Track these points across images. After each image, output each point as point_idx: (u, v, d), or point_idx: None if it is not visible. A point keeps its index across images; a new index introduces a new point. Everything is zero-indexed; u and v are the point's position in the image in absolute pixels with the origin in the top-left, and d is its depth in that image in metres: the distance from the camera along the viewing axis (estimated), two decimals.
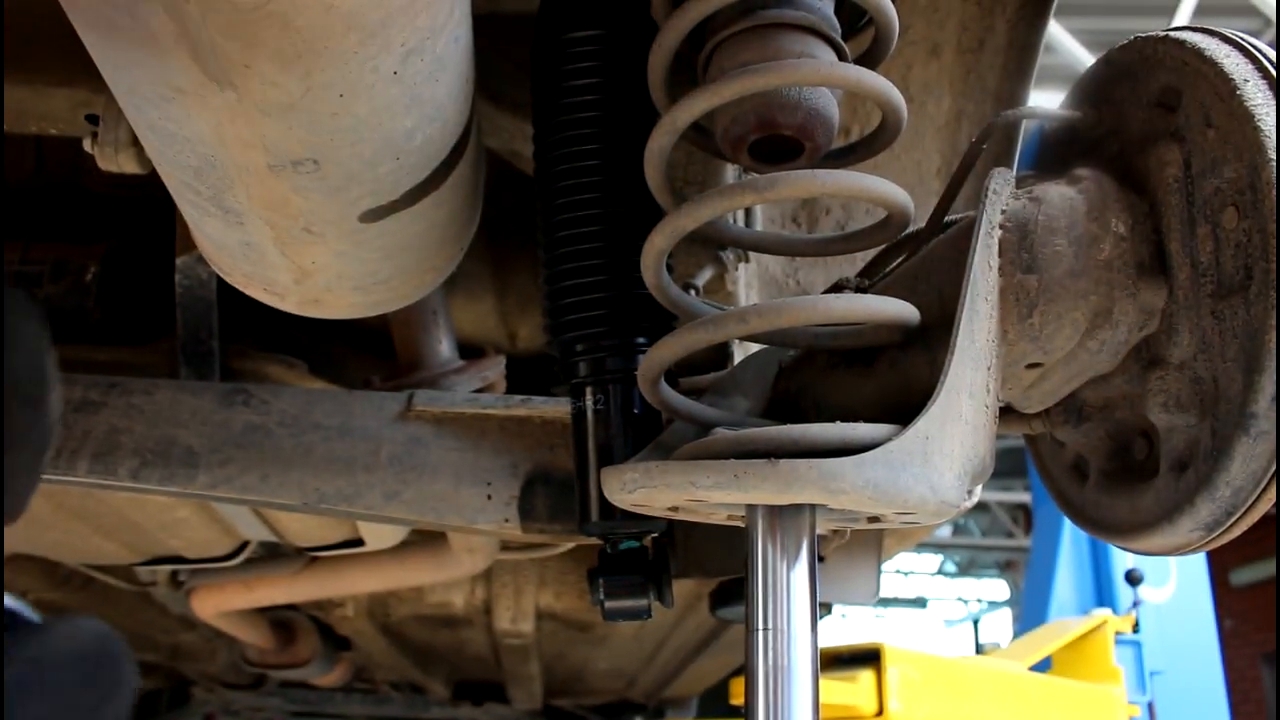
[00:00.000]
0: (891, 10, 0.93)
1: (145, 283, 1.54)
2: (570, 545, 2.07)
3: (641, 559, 1.20)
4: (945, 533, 17.69)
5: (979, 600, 21.93)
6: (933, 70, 1.44)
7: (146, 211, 1.58)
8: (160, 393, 1.28)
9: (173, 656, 3.65)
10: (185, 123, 0.80)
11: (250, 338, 1.55)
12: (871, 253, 1.13)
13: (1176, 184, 0.87)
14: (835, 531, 1.29)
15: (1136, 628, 6.52)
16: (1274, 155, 0.79)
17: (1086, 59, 6.95)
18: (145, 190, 1.17)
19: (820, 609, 0.88)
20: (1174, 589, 7.13)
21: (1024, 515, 16.86)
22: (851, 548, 1.77)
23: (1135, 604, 6.65)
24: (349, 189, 0.91)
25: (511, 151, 1.39)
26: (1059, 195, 0.89)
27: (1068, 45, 7.17)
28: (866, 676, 3.51)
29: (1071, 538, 7.59)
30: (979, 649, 18.95)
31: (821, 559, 1.70)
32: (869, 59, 0.98)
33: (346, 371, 1.72)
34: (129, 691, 0.52)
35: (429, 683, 4.17)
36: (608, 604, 1.20)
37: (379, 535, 1.94)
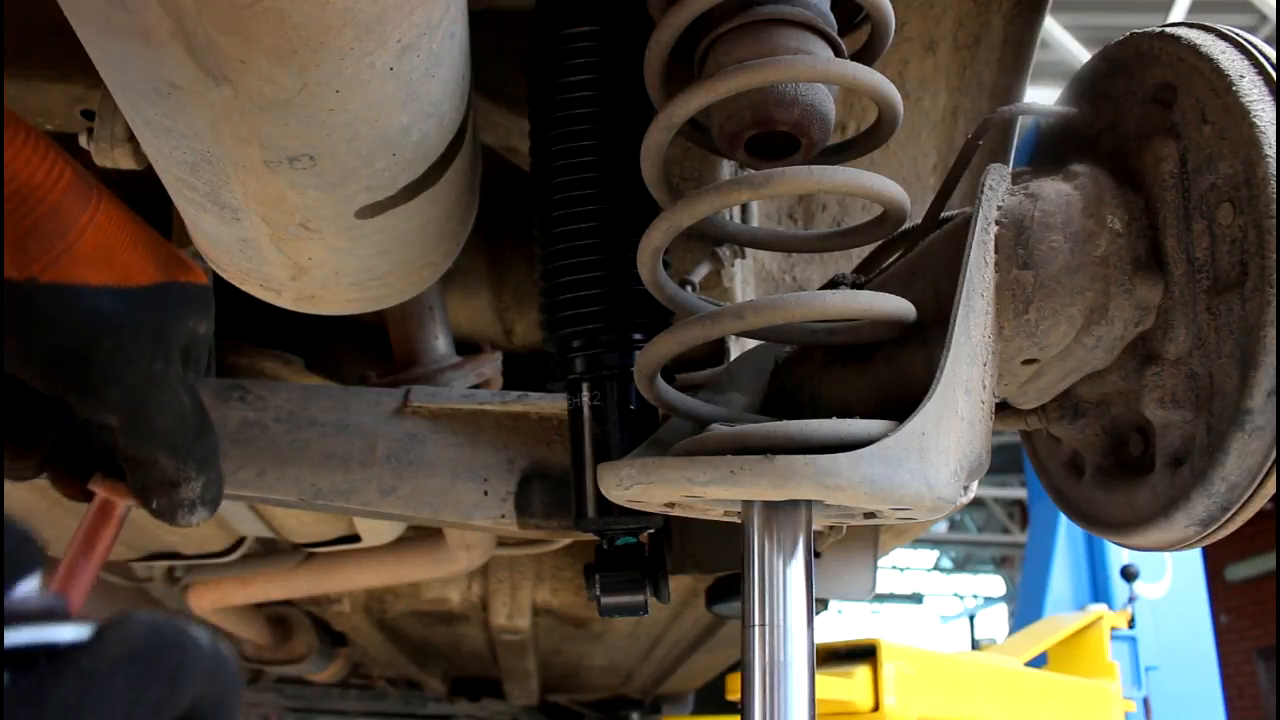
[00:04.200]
0: (888, 6, 0.93)
1: None
2: (566, 541, 2.08)
3: (638, 555, 1.20)
4: (941, 528, 17.73)
5: (975, 596, 21.98)
6: (929, 66, 1.44)
7: (142, 207, 1.58)
8: None
9: None
10: (181, 118, 0.80)
11: (246, 334, 1.55)
12: (868, 249, 1.13)
13: (1172, 180, 0.87)
14: (831, 527, 1.29)
15: (1132, 623, 6.54)
16: (1270, 151, 0.79)
17: (1082, 55, 6.95)
18: (141, 186, 1.16)
19: (816, 605, 0.88)
20: (1169, 584, 7.15)
21: (1020, 511, 16.91)
22: (848, 543, 1.77)
23: (1131, 599, 6.67)
24: (345, 185, 0.91)
25: (508, 147, 1.39)
26: (1055, 191, 0.89)
27: (1064, 41, 7.17)
28: (862, 672, 3.51)
29: (1067, 533, 7.61)
30: (975, 644, 18.98)
31: (818, 554, 1.70)
32: (865, 55, 0.98)
33: (343, 367, 1.72)
34: (198, 670, 0.53)
35: (425, 678, 4.17)
36: (604, 600, 1.20)
37: (375, 531, 1.94)
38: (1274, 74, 0.83)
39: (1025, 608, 7.83)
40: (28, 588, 0.55)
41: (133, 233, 0.94)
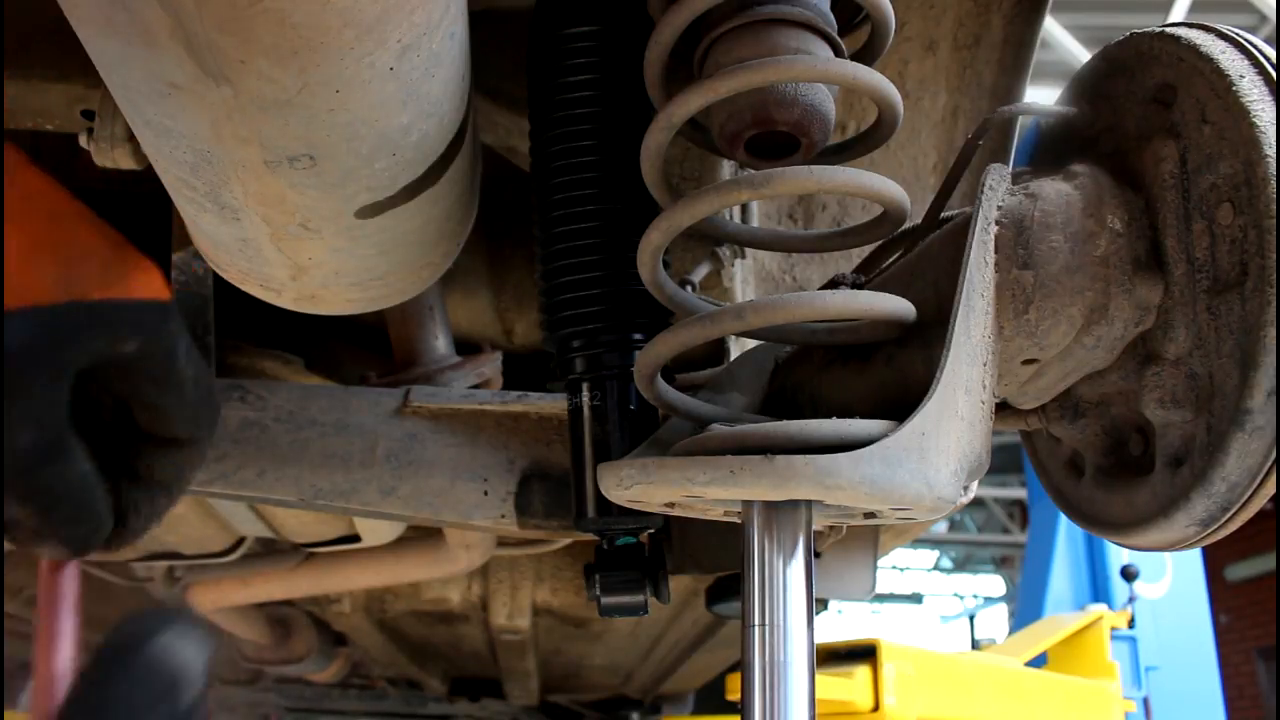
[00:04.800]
0: (888, 6, 0.93)
1: None
2: (566, 541, 2.08)
3: (638, 555, 1.20)
4: (941, 528, 17.74)
5: (975, 596, 22.00)
6: (929, 66, 1.44)
7: (142, 207, 1.58)
8: None
9: None
10: (181, 118, 0.80)
11: (246, 334, 1.55)
12: (868, 249, 1.13)
13: (1172, 180, 0.87)
14: (831, 527, 1.29)
15: (1132, 623, 6.55)
16: (1270, 151, 0.79)
17: (1082, 55, 6.96)
18: (141, 186, 1.17)
19: (816, 605, 0.88)
20: (1169, 584, 7.15)
21: (1020, 511, 16.92)
22: (847, 543, 1.77)
23: (1131, 599, 6.68)
24: (345, 185, 0.91)
25: (508, 147, 1.39)
26: (1055, 191, 0.89)
27: (1064, 41, 7.18)
28: (862, 672, 3.51)
29: (1067, 533, 7.61)
30: (975, 644, 18.99)
31: (818, 554, 1.70)
32: (865, 55, 0.98)
33: (343, 368, 1.72)
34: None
35: (425, 678, 4.17)
36: (604, 600, 1.20)
37: (375, 531, 1.94)
38: (1274, 74, 0.83)
39: (1025, 608, 7.83)
40: None
41: (39, 238, 0.87)
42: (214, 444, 1.24)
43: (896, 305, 0.89)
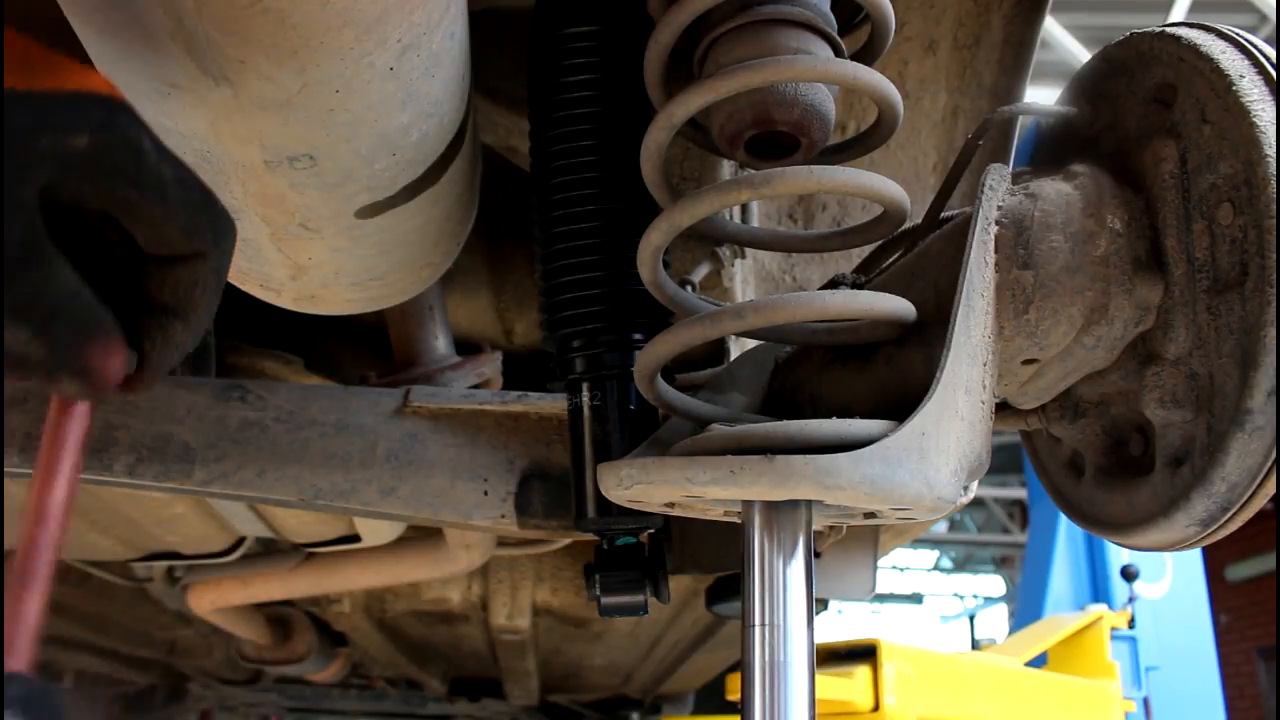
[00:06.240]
0: (888, 6, 0.93)
1: None
2: (566, 541, 2.08)
3: (638, 555, 1.20)
4: (941, 528, 17.74)
5: (975, 596, 21.99)
6: (929, 66, 1.44)
7: None
8: (156, 388, 1.27)
9: (169, 652, 3.65)
10: (181, 119, 0.80)
11: (247, 334, 1.55)
12: (868, 249, 1.13)
13: (1172, 180, 0.87)
14: (831, 527, 1.29)
15: (1132, 623, 6.55)
16: (1270, 151, 0.79)
17: (1083, 55, 6.96)
18: None
19: (816, 605, 0.88)
20: (1169, 584, 7.15)
21: (1020, 511, 16.92)
22: (847, 543, 1.77)
23: (1131, 599, 6.68)
24: (345, 185, 0.91)
25: (508, 147, 1.39)
26: (1055, 191, 0.89)
27: (1064, 41, 7.18)
28: (863, 672, 3.51)
29: (1067, 533, 7.61)
30: (975, 644, 18.99)
31: (818, 554, 1.70)
32: (865, 55, 0.98)
33: (343, 367, 1.72)
34: None
35: (425, 678, 4.17)
36: (604, 600, 1.20)
37: (375, 531, 1.94)
38: (1274, 74, 0.83)
39: (1025, 608, 7.83)
40: None
41: None
42: (214, 444, 1.24)
43: (896, 305, 0.89)
